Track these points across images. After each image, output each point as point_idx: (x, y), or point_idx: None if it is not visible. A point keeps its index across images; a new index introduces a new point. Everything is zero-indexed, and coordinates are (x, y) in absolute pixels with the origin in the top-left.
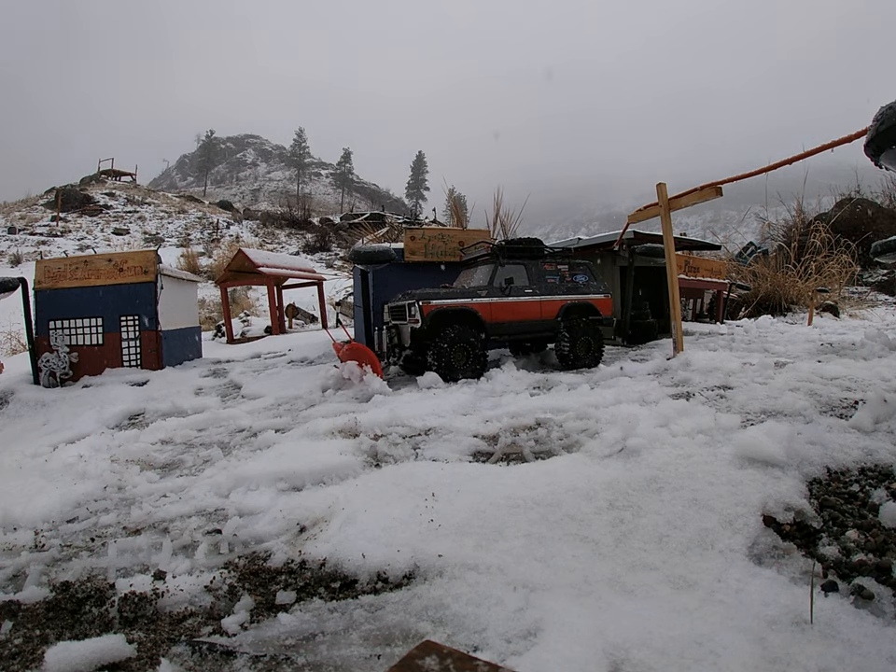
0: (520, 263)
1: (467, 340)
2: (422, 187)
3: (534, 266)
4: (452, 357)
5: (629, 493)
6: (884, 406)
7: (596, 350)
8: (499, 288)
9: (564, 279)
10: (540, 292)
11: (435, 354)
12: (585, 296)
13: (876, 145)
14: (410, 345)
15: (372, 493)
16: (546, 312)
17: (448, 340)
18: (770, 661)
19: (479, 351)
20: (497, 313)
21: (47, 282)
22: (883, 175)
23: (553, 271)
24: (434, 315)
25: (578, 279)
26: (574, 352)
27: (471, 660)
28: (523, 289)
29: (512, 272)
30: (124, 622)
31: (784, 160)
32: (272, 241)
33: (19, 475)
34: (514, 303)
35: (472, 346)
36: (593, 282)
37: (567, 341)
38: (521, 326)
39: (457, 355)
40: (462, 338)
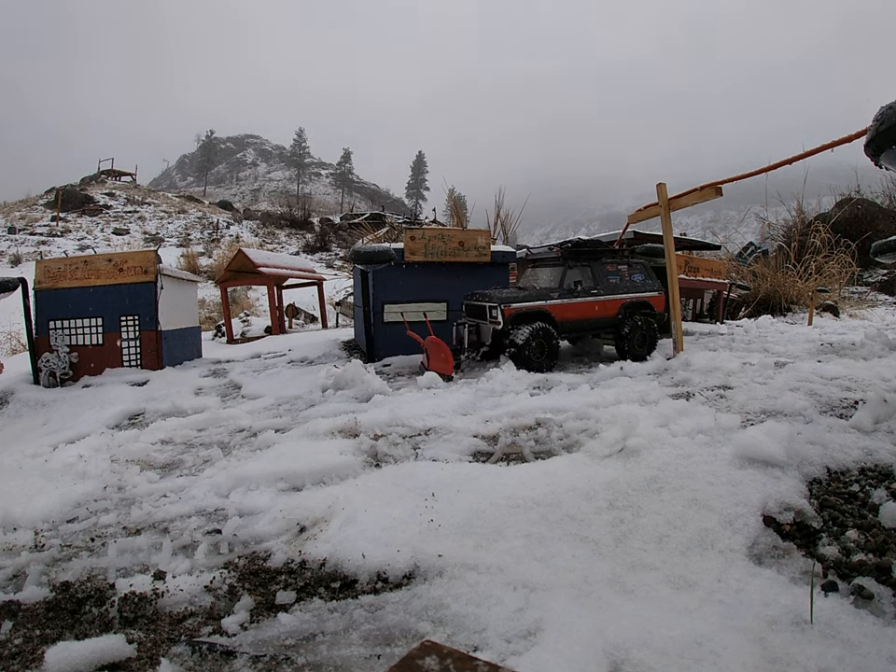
0: (585, 265)
1: (543, 337)
2: (422, 187)
3: (597, 267)
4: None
5: (629, 493)
6: (884, 406)
7: (651, 343)
8: (569, 290)
9: (623, 278)
10: (604, 292)
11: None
12: (642, 294)
13: (876, 145)
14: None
15: (372, 493)
16: (609, 310)
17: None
18: (770, 661)
19: (553, 347)
20: (567, 312)
21: (47, 282)
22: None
23: (614, 271)
24: (514, 316)
25: (636, 278)
26: (632, 345)
27: (471, 660)
28: (589, 290)
29: (579, 273)
30: (124, 622)
31: (784, 160)
32: (272, 241)
33: (19, 475)
34: (582, 303)
35: (548, 343)
36: (648, 280)
37: (626, 335)
38: (588, 323)
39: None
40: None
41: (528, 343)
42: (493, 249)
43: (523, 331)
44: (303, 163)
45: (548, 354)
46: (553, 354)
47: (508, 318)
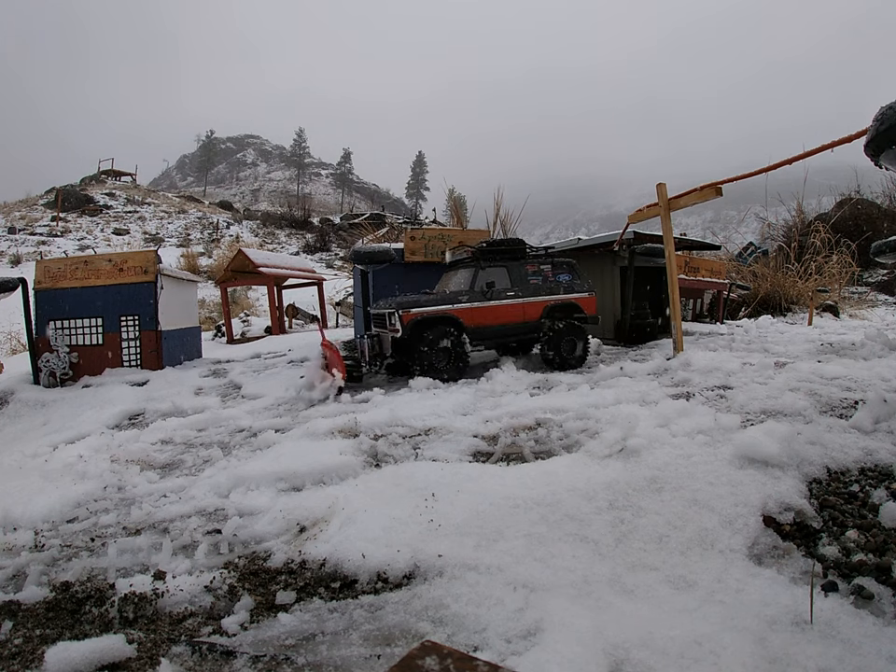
0: (502, 265)
1: (448, 344)
2: (422, 187)
3: (516, 267)
4: (433, 361)
5: (629, 493)
6: (884, 406)
7: (582, 349)
8: (481, 292)
9: (547, 279)
10: (523, 294)
11: (417, 358)
12: (569, 295)
13: (876, 144)
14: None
15: (372, 493)
16: (529, 313)
17: (429, 344)
18: (770, 661)
19: (460, 355)
20: (478, 317)
21: (47, 282)
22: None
23: (535, 271)
24: (414, 323)
25: (561, 278)
26: (559, 352)
27: (471, 660)
28: (504, 292)
29: (494, 274)
30: (124, 622)
31: (784, 160)
32: (272, 241)
33: (19, 475)
34: (496, 307)
35: (454, 350)
36: (576, 281)
37: (550, 341)
38: (503, 329)
39: (438, 358)
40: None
41: (429, 351)
42: None
43: (424, 339)
44: (303, 163)
45: (454, 362)
46: (461, 362)
47: (407, 325)
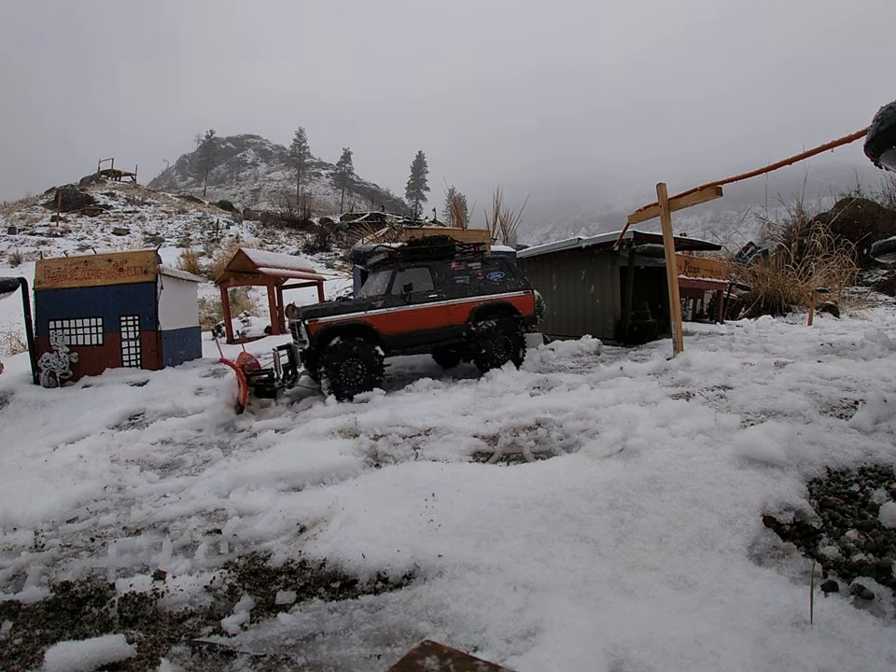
0: (423, 266)
1: (358, 356)
2: (422, 187)
3: (440, 267)
4: (342, 375)
5: (629, 493)
6: (884, 406)
7: (517, 350)
8: (399, 296)
9: (476, 278)
10: (447, 296)
11: (324, 372)
12: (501, 294)
13: (876, 144)
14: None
15: (372, 493)
16: (455, 316)
17: (338, 356)
18: (770, 661)
19: (374, 366)
20: (395, 323)
21: (47, 282)
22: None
23: (462, 270)
24: (322, 333)
25: (492, 277)
26: (490, 356)
27: (471, 660)
28: (426, 295)
29: (415, 276)
30: (124, 622)
31: (784, 160)
32: (272, 241)
33: (19, 475)
34: (415, 311)
35: (367, 362)
36: (510, 278)
37: (480, 345)
38: (426, 334)
39: (349, 372)
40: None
41: (337, 364)
42: (493, 249)
43: (331, 351)
44: (303, 163)
45: (366, 376)
46: (374, 375)
47: (314, 335)
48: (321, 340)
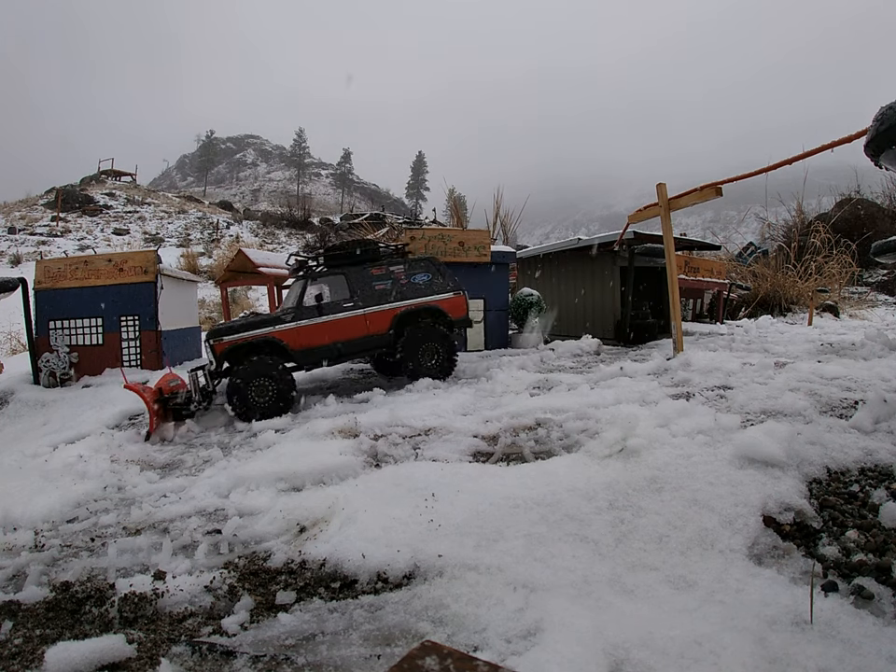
0: (339, 273)
1: (267, 374)
2: (422, 187)
3: (357, 273)
4: (252, 395)
5: (629, 493)
6: (884, 406)
7: (447, 357)
8: (312, 308)
9: (398, 282)
10: (365, 303)
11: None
12: (426, 298)
13: (876, 145)
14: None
15: (372, 493)
16: (375, 325)
17: (244, 377)
18: (770, 661)
19: (284, 385)
20: (306, 338)
21: (47, 282)
22: (883, 174)
23: (383, 275)
24: (229, 353)
25: (417, 280)
26: (417, 364)
27: (471, 660)
28: (341, 304)
29: (328, 285)
30: (124, 622)
31: (784, 160)
32: (272, 241)
33: (19, 475)
34: (328, 323)
35: (274, 382)
36: (438, 280)
37: (405, 354)
38: (342, 347)
39: (258, 392)
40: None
41: (245, 386)
42: (493, 249)
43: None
44: (303, 163)
45: (276, 395)
46: (285, 393)
47: (220, 356)
48: (229, 360)
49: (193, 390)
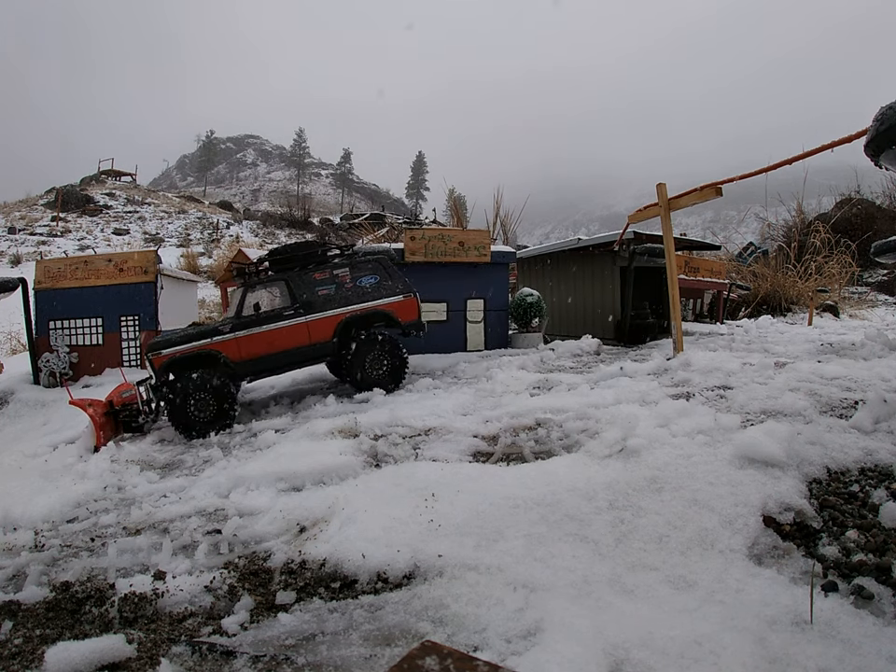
0: (279, 279)
1: (205, 389)
2: (422, 187)
3: (298, 279)
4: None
5: (629, 493)
6: (884, 406)
7: (396, 364)
8: (250, 318)
9: (343, 286)
10: (306, 311)
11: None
12: (373, 302)
13: (876, 145)
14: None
15: (372, 493)
16: (317, 333)
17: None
18: (770, 661)
19: (226, 398)
20: (247, 348)
21: (47, 282)
22: (883, 174)
23: (326, 279)
24: (168, 366)
25: (364, 282)
26: (364, 374)
27: (471, 660)
28: (281, 312)
29: (268, 292)
30: (124, 622)
31: (784, 160)
32: (272, 241)
33: (19, 475)
34: (268, 332)
35: (215, 395)
36: (386, 282)
37: (351, 364)
38: (283, 357)
39: (199, 406)
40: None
41: (182, 402)
42: (493, 249)
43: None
44: (303, 163)
45: (217, 409)
46: (225, 409)
47: (160, 370)
48: (168, 373)
49: (140, 403)
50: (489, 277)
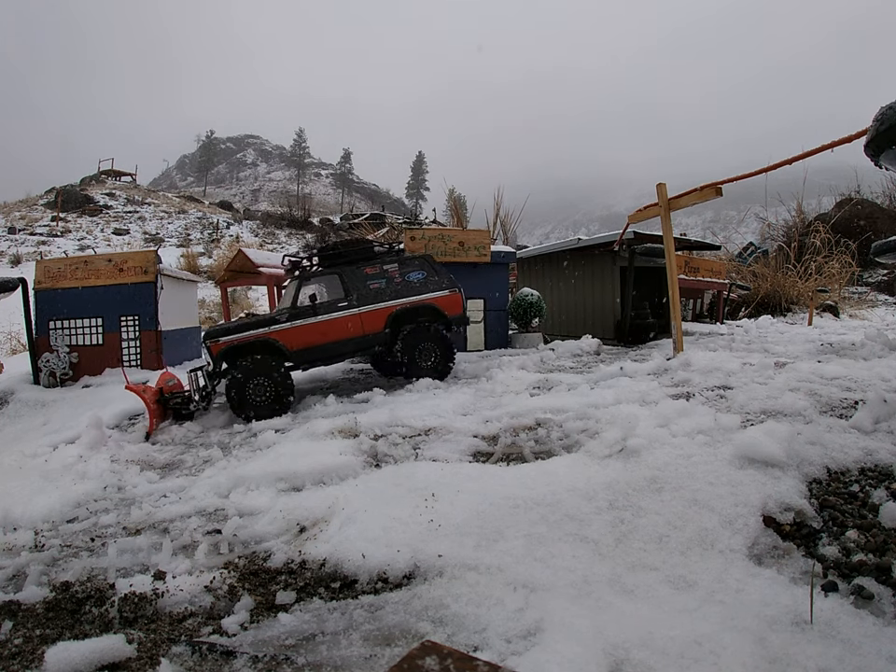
0: (333, 273)
1: (264, 375)
2: (422, 187)
3: (351, 273)
4: (248, 397)
5: (629, 493)
6: (884, 406)
7: (444, 356)
8: (306, 308)
9: (392, 281)
10: (359, 303)
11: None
12: (422, 296)
13: (876, 145)
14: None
15: (372, 493)
16: (369, 324)
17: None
18: (770, 661)
19: (283, 384)
20: (302, 338)
21: (47, 282)
22: (883, 174)
23: (377, 274)
24: (226, 354)
25: (412, 278)
26: (414, 364)
27: (471, 660)
28: (336, 304)
29: (322, 285)
30: (124, 622)
31: (784, 160)
32: (272, 241)
33: (19, 475)
34: (323, 323)
35: (272, 381)
36: (433, 278)
37: (401, 354)
38: (337, 347)
39: (257, 391)
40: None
41: (241, 387)
42: (493, 249)
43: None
44: (303, 163)
45: (274, 397)
46: (283, 395)
47: (217, 356)
48: (226, 360)
49: (193, 390)
50: (489, 277)
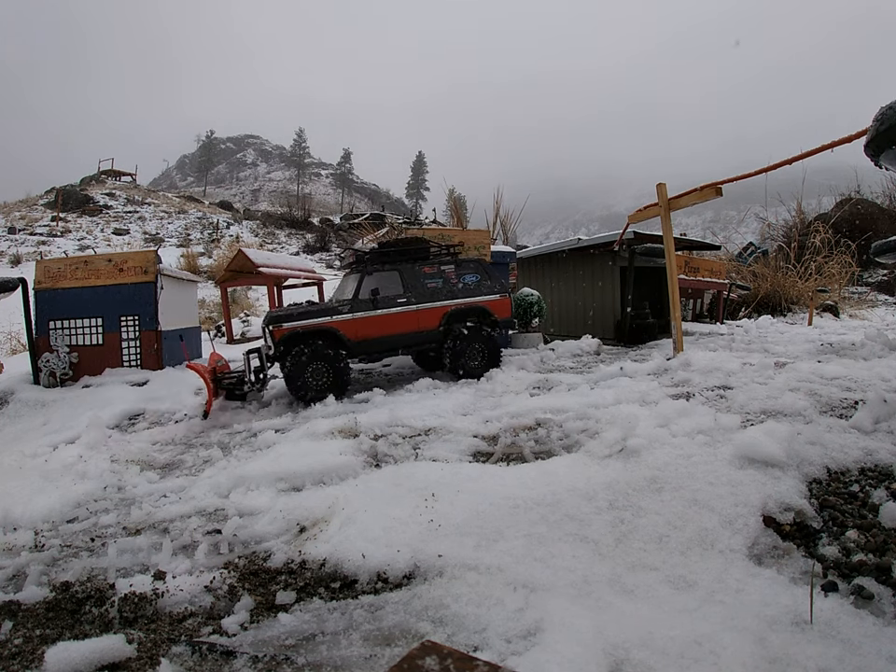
0: (393, 269)
1: (324, 361)
2: (422, 187)
3: (410, 270)
4: (308, 381)
5: (629, 493)
6: (884, 406)
7: (491, 357)
8: (367, 301)
9: (449, 281)
10: (417, 300)
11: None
12: (475, 298)
13: (876, 145)
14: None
15: (372, 493)
16: (425, 321)
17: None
18: (770, 661)
19: (340, 372)
20: (362, 329)
21: (47, 282)
22: (883, 174)
23: (434, 273)
24: (287, 339)
25: (466, 280)
26: (463, 362)
27: (471, 660)
28: (395, 299)
29: (384, 279)
30: (124, 622)
31: (784, 160)
32: (272, 241)
33: (19, 475)
34: (383, 316)
35: (332, 368)
36: (486, 281)
37: (452, 351)
38: (395, 340)
39: (316, 378)
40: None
41: (301, 371)
42: (493, 249)
43: (295, 357)
44: (303, 163)
45: (333, 382)
46: (341, 381)
47: (279, 340)
48: (286, 345)
49: (247, 371)
50: None
